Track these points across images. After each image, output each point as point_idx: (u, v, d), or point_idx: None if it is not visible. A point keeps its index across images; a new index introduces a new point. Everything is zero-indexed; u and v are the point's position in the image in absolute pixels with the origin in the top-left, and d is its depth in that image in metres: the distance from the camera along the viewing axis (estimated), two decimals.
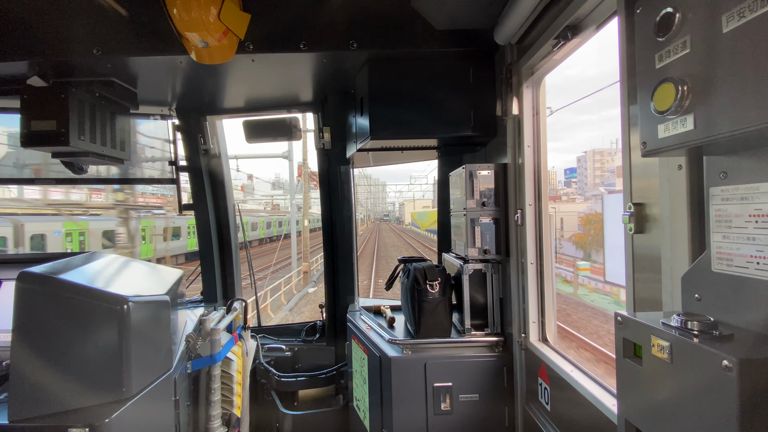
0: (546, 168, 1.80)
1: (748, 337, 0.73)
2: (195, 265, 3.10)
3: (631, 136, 1.07)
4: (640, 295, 1.10)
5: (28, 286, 1.27)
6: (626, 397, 0.90)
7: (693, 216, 0.91)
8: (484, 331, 2.04)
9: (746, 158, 0.76)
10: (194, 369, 1.96)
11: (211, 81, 2.27)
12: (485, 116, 2.00)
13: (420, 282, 2.00)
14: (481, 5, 1.65)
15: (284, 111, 2.74)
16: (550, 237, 1.80)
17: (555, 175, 53.82)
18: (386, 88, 2.02)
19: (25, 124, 1.96)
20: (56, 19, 1.81)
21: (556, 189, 37.24)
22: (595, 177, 63.21)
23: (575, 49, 1.52)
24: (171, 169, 2.76)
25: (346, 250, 2.82)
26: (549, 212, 1.80)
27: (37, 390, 1.25)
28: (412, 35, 1.89)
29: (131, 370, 1.33)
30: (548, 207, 1.81)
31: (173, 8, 1.54)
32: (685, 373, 0.73)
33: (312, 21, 1.87)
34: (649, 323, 0.82)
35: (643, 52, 0.84)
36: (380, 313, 2.61)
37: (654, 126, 0.80)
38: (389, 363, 1.94)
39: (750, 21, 0.63)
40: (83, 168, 2.34)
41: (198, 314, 2.21)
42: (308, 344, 2.93)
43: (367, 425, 2.20)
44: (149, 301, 1.47)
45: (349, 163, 2.78)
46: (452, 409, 1.90)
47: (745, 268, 0.76)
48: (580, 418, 1.44)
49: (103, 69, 1.99)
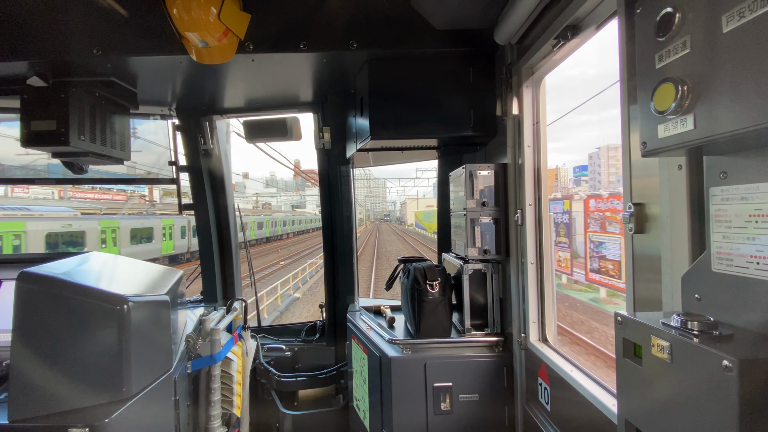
0: (546, 168, 1.80)
1: (748, 337, 0.73)
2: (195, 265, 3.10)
3: (631, 136, 1.07)
4: (640, 295, 1.10)
5: (28, 286, 1.27)
6: (626, 397, 0.90)
7: (693, 216, 0.91)
8: (484, 331, 2.04)
9: (746, 158, 0.76)
10: (194, 369, 1.96)
11: (211, 81, 2.27)
12: (485, 116, 2.00)
13: (420, 282, 2.00)
14: (481, 5, 1.65)
15: (284, 111, 2.74)
16: (550, 237, 1.80)
17: (565, 173, 51.50)
18: (386, 88, 2.02)
19: (25, 124, 1.96)
20: (56, 19, 1.81)
21: (567, 188, 36.07)
22: (609, 174, 61.53)
23: (575, 49, 1.52)
24: (171, 169, 2.76)
25: (346, 250, 2.83)
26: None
27: (37, 390, 1.25)
28: (412, 35, 1.89)
29: (131, 370, 1.33)
30: (548, 207, 1.81)
31: (173, 8, 1.54)
32: (685, 373, 0.73)
33: (312, 21, 1.87)
34: (649, 323, 0.82)
35: (643, 52, 0.84)
36: (380, 313, 2.61)
37: (654, 126, 0.80)
38: (389, 363, 1.94)
39: (750, 21, 0.63)
40: (83, 168, 2.34)
41: (198, 314, 2.21)
42: (308, 344, 2.93)
43: (367, 425, 2.20)
44: (149, 301, 1.47)
45: (349, 163, 2.78)
46: (452, 409, 1.90)
47: (745, 268, 0.76)
48: (580, 418, 1.44)
49: (103, 69, 1.99)
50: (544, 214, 1.79)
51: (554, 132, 65.73)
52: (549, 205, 1.79)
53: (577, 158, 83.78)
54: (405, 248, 33.00)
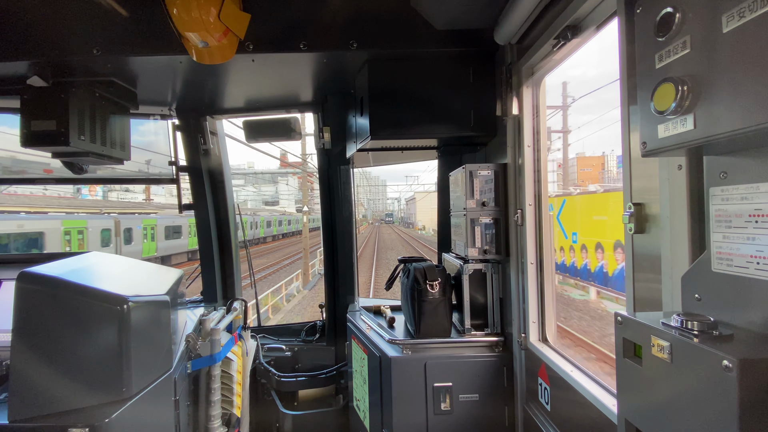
0: (546, 168, 1.80)
1: (748, 337, 0.73)
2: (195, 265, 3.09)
3: (631, 136, 1.07)
4: (640, 295, 1.10)
5: (28, 286, 1.27)
6: (626, 397, 0.90)
7: (693, 216, 0.91)
8: (484, 331, 2.04)
9: (746, 158, 0.76)
10: (194, 369, 1.96)
11: (211, 81, 2.27)
12: (485, 116, 2.00)
13: (420, 282, 2.00)
14: (481, 5, 1.65)
15: (284, 111, 2.74)
16: (550, 236, 1.80)
17: (605, 161, 43.27)
18: (386, 88, 2.02)
19: (25, 124, 1.96)
20: (56, 19, 1.81)
21: (616, 176, 30.87)
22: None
23: (575, 49, 1.52)
24: (171, 169, 2.76)
25: (346, 250, 2.83)
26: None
27: (37, 390, 1.25)
28: (412, 35, 1.89)
29: (131, 370, 1.33)
30: (548, 207, 1.81)
31: (173, 8, 1.54)
32: (685, 373, 0.73)
33: (312, 21, 1.87)
34: (649, 323, 0.82)
35: (643, 52, 0.84)
36: (380, 313, 2.61)
37: (654, 126, 0.80)
38: (389, 363, 1.94)
39: (750, 21, 0.63)
40: (83, 168, 2.34)
41: (198, 314, 2.21)
42: (308, 344, 2.93)
43: (367, 425, 2.20)
44: (149, 301, 1.47)
45: (349, 163, 2.78)
46: (452, 409, 1.90)
47: (745, 268, 0.76)
48: (580, 418, 1.44)
49: (103, 69, 1.99)
50: (544, 214, 1.79)
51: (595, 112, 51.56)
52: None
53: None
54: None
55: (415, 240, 40.41)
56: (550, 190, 2.04)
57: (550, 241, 1.80)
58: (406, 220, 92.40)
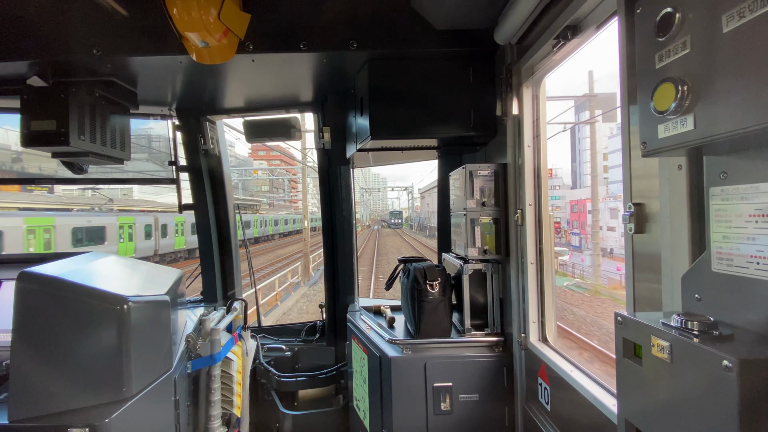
0: (546, 168, 1.80)
1: (748, 337, 0.73)
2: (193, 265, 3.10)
3: (631, 136, 1.07)
4: (640, 295, 1.10)
5: (28, 286, 1.27)
6: (626, 397, 0.90)
7: (693, 216, 0.91)
8: (484, 331, 2.04)
9: (746, 158, 0.76)
10: (194, 369, 1.96)
11: (211, 81, 2.27)
12: (485, 116, 2.00)
13: (420, 282, 2.00)
14: (481, 5, 1.65)
15: (284, 111, 2.74)
16: (550, 236, 1.80)
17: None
18: (386, 88, 2.02)
19: (25, 124, 1.96)
20: (56, 19, 1.81)
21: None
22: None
23: (575, 49, 1.52)
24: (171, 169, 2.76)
25: (346, 250, 2.83)
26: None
27: (37, 390, 1.25)
28: (412, 35, 1.89)
29: (131, 370, 1.33)
30: (548, 206, 1.81)
31: (173, 8, 1.54)
32: (685, 373, 0.73)
33: (312, 21, 1.87)
34: (649, 323, 0.82)
35: (643, 52, 0.84)
36: (380, 313, 2.61)
37: (654, 126, 0.80)
38: (389, 363, 1.94)
39: (750, 21, 0.63)
40: (83, 168, 2.34)
41: (198, 314, 2.21)
42: (308, 344, 2.93)
43: (367, 425, 2.20)
44: (149, 301, 1.47)
45: (349, 163, 2.78)
46: (452, 409, 1.90)
47: (745, 268, 0.76)
48: (580, 418, 1.44)
49: (103, 69, 1.99)
50: (544, 214, 1.79)
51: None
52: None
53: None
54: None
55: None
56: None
57: (551, 241, 1.80)
58: (422, 223, 58.20)
